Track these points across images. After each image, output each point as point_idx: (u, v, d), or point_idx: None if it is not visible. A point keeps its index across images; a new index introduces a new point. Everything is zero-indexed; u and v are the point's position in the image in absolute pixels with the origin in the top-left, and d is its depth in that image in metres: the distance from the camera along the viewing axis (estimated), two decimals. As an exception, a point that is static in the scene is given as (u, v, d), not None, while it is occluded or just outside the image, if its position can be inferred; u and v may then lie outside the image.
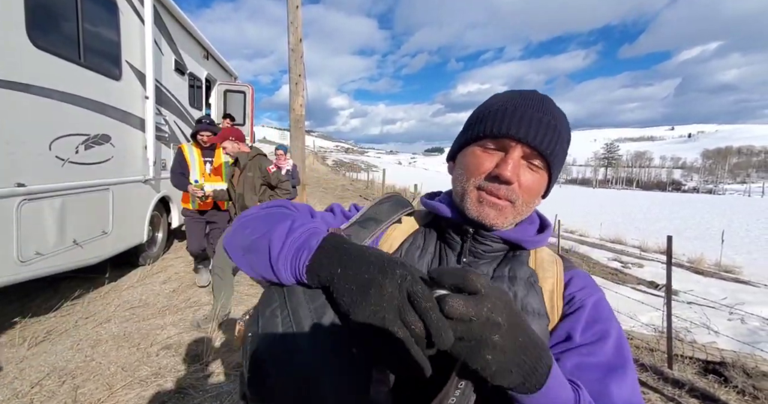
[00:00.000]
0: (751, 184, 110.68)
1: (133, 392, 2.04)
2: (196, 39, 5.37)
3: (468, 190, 0.55)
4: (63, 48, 2.71)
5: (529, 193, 0.54)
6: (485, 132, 0.54)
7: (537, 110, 0.52)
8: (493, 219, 0.53)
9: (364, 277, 0.39)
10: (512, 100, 0.54)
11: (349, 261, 0.41)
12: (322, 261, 0.43)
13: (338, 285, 0.40)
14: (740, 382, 2.76)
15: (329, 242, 0.45)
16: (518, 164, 0.52)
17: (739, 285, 7.08)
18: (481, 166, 0.54)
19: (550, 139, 0.52)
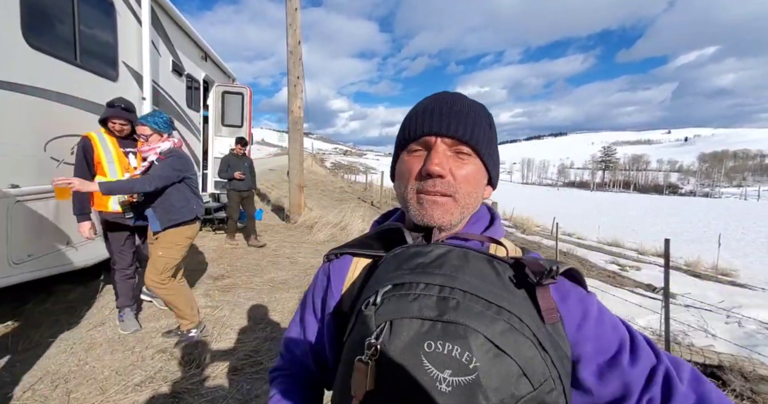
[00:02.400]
0: (747, 188, 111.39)
1: (127, 397, 2.01)
2: (194, 40, 5.37)
3: (408, 196, 0.56)
4: (59, 48, 2.69)
5: (466, 182, 0.54)
6: (407, 137, 0.56)
7: (447, 104, 0.55)
8: (439, 218, 0.53)
9: None
10: (425, 104, 0.57)
11: None
12: None
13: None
14: (738, 386, 2.75)
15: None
16: (444, 156, 0.53)
17: (736, 289, 7.10)
18: (412, 168, 0.55)
19: (465, 125, 0.53)
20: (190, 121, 5.37)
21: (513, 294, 0.44)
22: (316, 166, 26.89)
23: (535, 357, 0.40)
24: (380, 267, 0.51)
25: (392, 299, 0.43)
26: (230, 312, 3.17)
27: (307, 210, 7.78)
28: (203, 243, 5.58)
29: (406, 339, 0.40)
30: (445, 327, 0.40)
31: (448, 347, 0.39)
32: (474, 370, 0.38)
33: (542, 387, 0.39)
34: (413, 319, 0.41)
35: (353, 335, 0.46)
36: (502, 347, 0.39)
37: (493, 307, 0.41)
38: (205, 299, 3.44)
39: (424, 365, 0.39)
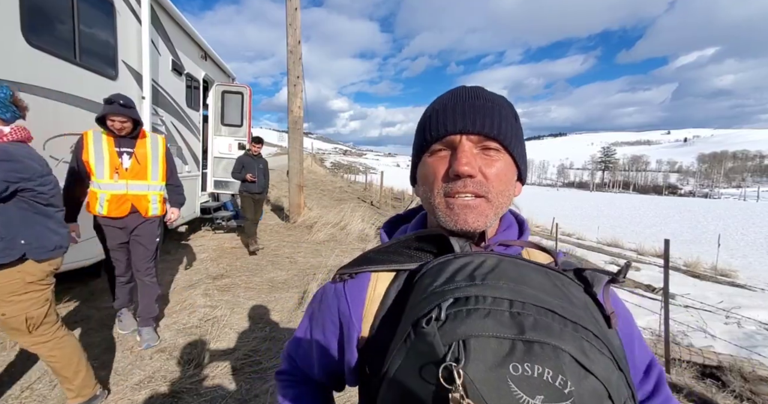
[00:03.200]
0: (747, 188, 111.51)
1: (125, 396, 2.01)
2: (194, 39, 5.36)
3: (435, 202, 0.51)
4: (58, 47, 2.68)
5: (498, 180, 0.50)
6: (428, 138, 0.52)
7: (468, 99, 0.51)
8: (473, 222, 0.49)
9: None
10: (444, 101, 0.53)
11: None
12: None
13: None
14: (738, 386, 2.75)
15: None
16: (471, 155, 0.49)
17: (736, 289, 7.10)
18: (437, 171, 0.51)
19: (492, 120, 0.49)
20: (189, 120, 5.36)
21: (576, 306, 0.40)
22: (316, 166, 26.87)
23: (615, 376, 0.36)
24: (426, 277, 0.44)
25: (459, 314, 0.37)
26: (230, 311, 3.16)
27: (306, 210, 7.77)
28: (203, 243, 5.58)
29: (489, 361, 0.34)
30: (529, 346, 0.35)
31: (538, 370, 0.34)
32: (570, 395, 0.33)
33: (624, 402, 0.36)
34: (490, 338, 0.35)
35: (410, 357, 0.39)
36: (589, 367, 0.35)
37: (569, 324, 0.37)
38: (204, 299, 3.44)
39: (512, 390, 0.33)
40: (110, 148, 2.37)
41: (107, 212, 2.38)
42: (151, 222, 2.59)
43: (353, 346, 0.53)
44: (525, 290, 0.39)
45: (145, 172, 2.49)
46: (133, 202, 2.47)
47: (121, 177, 2.39)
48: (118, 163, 2.39)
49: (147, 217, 2.55)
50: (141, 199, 2.50)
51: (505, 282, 0.40)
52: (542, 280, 0.42)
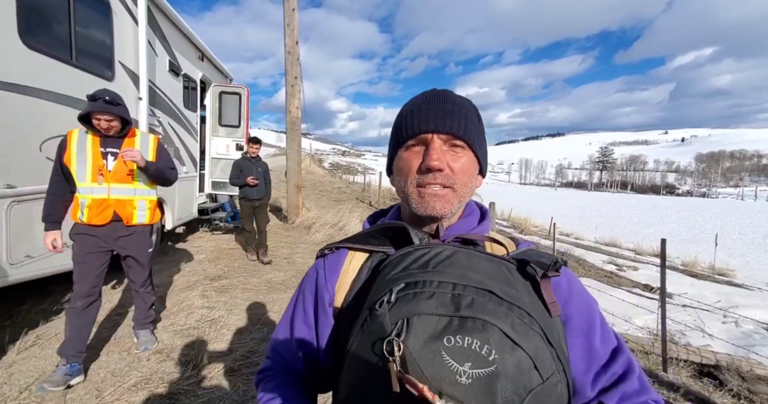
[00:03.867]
0: (744, 188, 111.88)
1: (122, 397, 2.00)
2: (191, 40, 5.36)
3: (409, 190, 0.59)
4: (55, 48, 2.68)
5: (462, 173, 0.59)
6: (404, 135, 0.60)
7: (439, 102, 0.59)
8: (440, 209, 0.57)
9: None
10: (417, 102, 0.61)
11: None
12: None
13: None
14: (735, 385, 2.76)
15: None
16: (441, 151, 0.57)
17: (733, 288, 7.12)
18: (411, 164, 0.59)
19: (459, 122, 0.58)
20: (187, 121, 5.35)
21: (518, 290, 0.47)
22: (315, 167, 26.86)
23: (544, 351, 0.42)
24: (387, 267, 0.52)
25: (406, 297, 0.44)
26: (227, 313, 3.16)
27: (305, 211, 7.77)
28: (200, 244, 5.57)
29: (426, 334, 0.41)
30: (463, 322, 0.41)
31: (468, 341, 0.40)
32: (493, 362, 0.39)
33: (550, 379, 0.42)
34: (431, 316, 0.42)
35: (365, 335, 0.46)
36: (517, 341, 0.41)
37: (504, 303, 0.43)
38: (201, 300, 3.43)
39: (445, 359, 0.40)
40: (94, 148, 2.14)
41: (87, 219, 2.12)
42: (140, 233, 2.32)
43: (329, 314, 0.61)
44: (471, 275, 0.46)
45: (131, 175, 2.22)
46: (116, 209, 2.18)
47: (105, 180, 2.15)
48: (102, 165, 2.14)
49: (131, 225, 2.25)
50: (125, 205, 2.22)
51: (455, 269, 0.47)
52: (491, 268, 0.49)
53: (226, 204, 7.11)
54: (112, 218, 2.19)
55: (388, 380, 0.40)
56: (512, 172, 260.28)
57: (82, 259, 2.15)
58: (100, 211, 2.15)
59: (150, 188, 2.36)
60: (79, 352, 2.14)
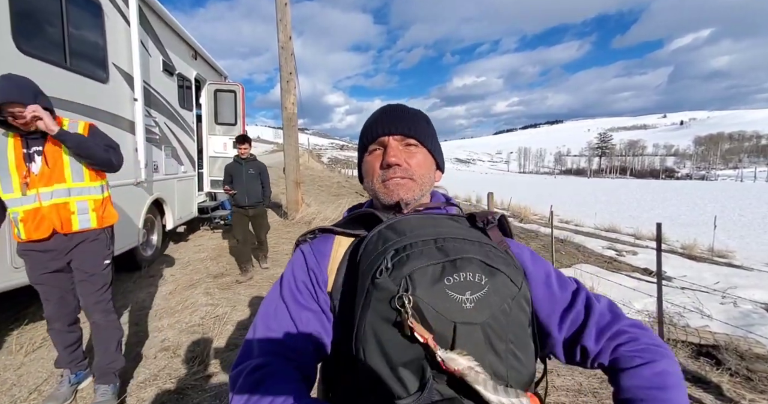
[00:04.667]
0: (743, 169, 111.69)
1: (132, 394, 2.06)
2: (184, 39, 5.33)
3: (376, 187, 0.69)
4: (49, 52, 2.68)
5: (418, 166, 0.69)
6: (366, 142, 0.71)
7: (393, 112, 0.71)
8: (404, 194, 0.67)
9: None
10: (374, 115, 0.73)
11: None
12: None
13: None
14: (734, 364, 2.80)
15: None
16: (397, 150, 0.68)
17: (732, 270, 7.18)
18: (374, 165, 0.70)
19: (409, 124, 0.69)
20: (183, 120, 5.35)
21: (476, 235, 0.58)
22: (313, 162, 26.80)
23: (512, 268, 0.54)
24: (369, 245, 0.59)
25: (401, 260, 0.52)
26: (231, 309, 3.21)
27: (304, 207, 7.79)
28: (202, 242, 5.61)
29: (429, 282, 0.50)
30: (453, 263, 0.51)
31: (463, 275, 0.50)
32: (485, 285, 0.50)
33: (522, 287, 0.54)
34: (427, 266, 0.51)
35: (373, 303, 0.51)
36: (494, 265, 0.52)
37: (474, 243, 0.55)
38: (205, 297, 3.48)
39: (450, 294, 0.49)
40: (16, 151, 1.77)
41: (26, 235, 1.79)
42: (89, 240, 1.92)
43: (326, 297, 0.65)
44: (442, 230, 0.57)
45: (61, 173, 1.82)
46: (52, 217, 1.81)
47: (32, 186, 1.77)
48: (26, 169, 1.78)
49: (72, 233, 1.86)
50: (60, 210, 1.82)
51: (427, 229, 0.57)
52: (452, 224, 0.61)
53: (226, 202, 7.13)
54: (54, 229, 1.83)
55: (405, 333, 0.48)
56: (511, 162, 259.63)
57: (37, 280, 1.88)
58: (37, 224, 1.79)
59: (91, 184, 1.91)
60: (80, 362, 2.06)
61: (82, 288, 1.94)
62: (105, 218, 1.99)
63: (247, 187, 4.05)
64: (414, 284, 0.49)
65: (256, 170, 4.15)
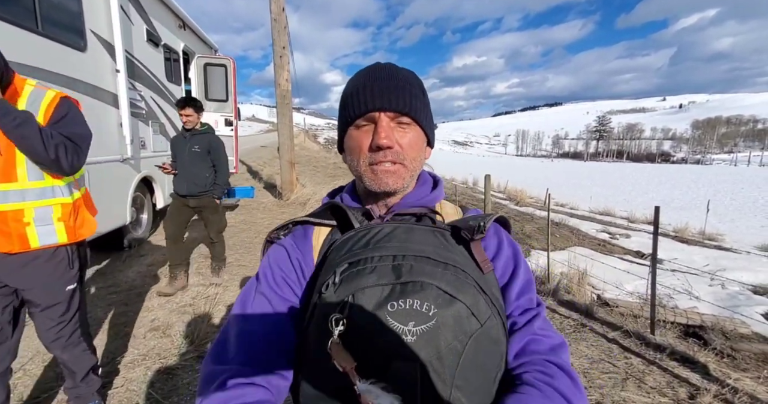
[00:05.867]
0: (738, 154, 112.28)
1: (119, 374, 2.03)
2: (170, 7, 5.03)
3: (362, 170, 0.60)
4: (17, 15, 2.49)
5: (411, 148, 0.60)
6: (352, 114, 0.60)
7: (383, 79, 0.59)
8: (393, 184, 0.59)
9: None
10: (362, 79, 0.61)
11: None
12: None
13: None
14: (719, 344, 2.86)
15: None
16: (389, 129, 0.58)
17: (722, 252, 7.29)
18: (362, 143, 0.59)
19: (404, 98, 0.58)
20: (171, 95, 5.14)
21: (454, 252, 0.52)
22: (309, 142, 26.43)
23: (479, 299, 0.48)
24: (333, 252, 0.55)
25: (350, 276, 0.48)
26: (223, 290, 3.18)
27: (300, 187, 7.70)
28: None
29: (370, 305, 0.45)
30: (404, 287, 0.46)
31: (409, 302, 0.45)
32: (433, 317, 0.45)
33: (487, 323, 0.48)
34: (374, 287, 0.46)
35: (316, 317, 0.49)
36: (453, 294, 0.46)
37: (440, 264, 0.48)
38: (197, 277, 3.44)
39: (390, 323, 0.44)
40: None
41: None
42: (44, 261, 1.37)
43: (307, 281, 0.61)
44: (410, 246, 0.51)
45: (10, 168, 1.29)
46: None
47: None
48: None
49: (25, 252, 1.33)
50: (8, 220, 1.30)
51: (393, 243, 0.51)
52: (428, 237, 0.54)
53: (218, 181, 7.01)
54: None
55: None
56: (509, 144, 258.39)
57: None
58: None
59: (55, 183, 1.38)
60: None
61: (36, 321, 1.43)
62: (78, 229, 1.44)
63: (188, 169, 3.00)
64: (354, 306, 0.45)
65: (204, 147, 3.03)
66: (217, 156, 3.11)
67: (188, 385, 1.96)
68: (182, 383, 1.98)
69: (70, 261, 1.45)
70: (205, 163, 3.07)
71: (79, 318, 1.52)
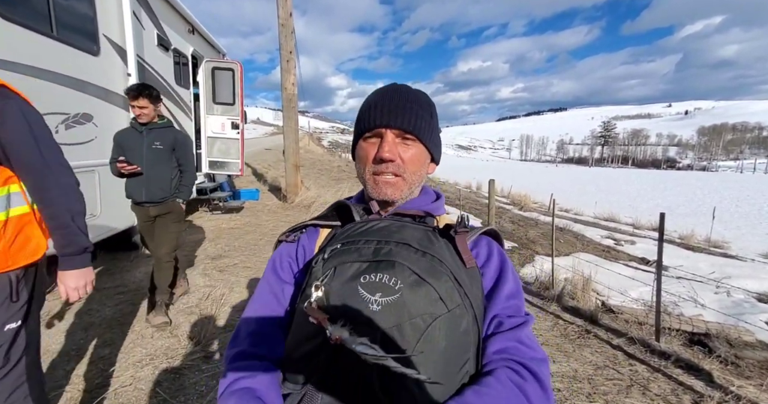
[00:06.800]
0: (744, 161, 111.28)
1: (127, 373, 2.06)
2: (180, 12, 5.12)
3: (366, 177, 0.68)
4: (34, 20, 2.55)
5: (411, 163, 0.67)
6: (363, 127, 0.68)
7: (394, 99, 0.66)
8: (390, 194, 0.66)
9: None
10: (376, 97, 0.68)
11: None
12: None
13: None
14: (723, 352, 2.84)
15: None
16: (393, 144, 0.65)
17: (727, 260, 7.23)
18: (368, 154, 0.67)
19: (410, 118, 0.65)
20: (180, 98, 5.22)
21: (437, 244, 0.57)
22: (313, 145, 26.55)
23: (451, 288, 0.52)
24: (332, 240, 0.63)
25: (337, 252, 0.56)
26: (229, 291, 3.20)
27: (304, 190, 7.74)
28: (200, 223, 5.58)
29: (346, 276, 0.52)
30: (378, 264, 0.52)
31: (379, 276, 0.51)
32: (399, 291, 0.50)
33: (454, 311, 0.51)
34: (354, 263, 0.53)
35: (305, 287, 0.58)
36: (424, 277, 0.51)
37: (418, 252, 0.54)
38: (203, 278, 3.47)
39: (360, 292, 0.51)
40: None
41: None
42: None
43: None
44: (395, 236, 0.56)
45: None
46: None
47: None
48: None
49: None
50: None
51: (384, 233, 0.58)
52: (417, 233, 0.59)
53: (225, 183, 7.08)
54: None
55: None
56: (513, 149, 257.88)
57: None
58: None
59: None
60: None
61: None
62: (11, 254, 1.05)
63: (147, 170, 2.49)
64: (334, 276, 0.52)
65: (168, 143, 2.55)
66: (184, 154, 2.65)
67: (195, 385, 1.98)
68: (189, 382, 2.00)
69: (12, 293, 1.07)
70: (170, 162, 2.58)
71: (26, 369, 1.09)
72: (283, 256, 0.71)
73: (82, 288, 1.17)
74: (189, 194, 2.76)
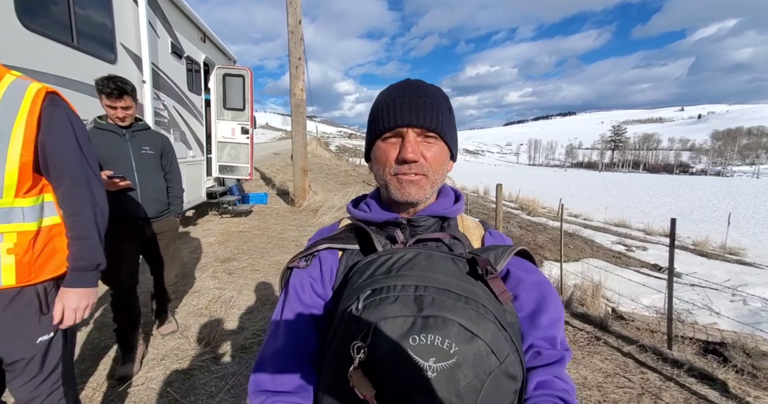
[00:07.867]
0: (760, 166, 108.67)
1: (140, 373, 2.10)
2: (193, 21, 5.26)
3: (387, 179, 0.65)
4: (55, 30, 2.65)
5: (435, 161, 0.64)
6: (382, 128, 0.64)
7: (413, 96, 0.63)
8: (415, 194, 0.63)
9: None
10: (392, 95, 0.65)
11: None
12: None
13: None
14: (740, 361, 2.77)
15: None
16: (416, 144, 0.62)
17: (744, 267, 7.06)
18: (389, 155, 0.64)
19: (431, 115, 0.62)
20: (192, 104, 5.33)
21: (473, 284, 0.51)
22: (321, 150, 26.76)
23: (499, 336, 0.48)
24: (355, 275, 0.57)
25: (373, 303, 0.48)
26: (237, 293, 3.24)
27: (311, 194, 7.80)
28: (210, 227, 5.66)
29: (393, 336, 0.46)
30: (425, 321, 0.46)
31: (431, 338, 0.45)
32: (454, 355, 0.44)
33: (506, 360, 0.47)
34: (397, 318, 0.46)
35: (337, 340, 0.51)
36: (474, 331, 0.46)
37: (461, 298, 0.48)
38: (212, 281, 3.52)
39: (411, 357, 0.45)
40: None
41: None
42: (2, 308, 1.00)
43: (332, 290, 0.65)
44: (431, 275, 0.50)
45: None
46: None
47: None
48: None
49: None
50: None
51: (416, 271, 0.51)
52: (449, 266, 0.54)
53: (234, 187, 7.17)
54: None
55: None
56: (521, 153, 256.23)
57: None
58: None
59: (16, 204, 0.98)
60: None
61: (8, 380, 1.08)
62: (39, 268, 1.03)
63: (141, 180, 2.10)
64: (377, 335, 0.46)
65: (157, 147, 2.21)
66: (172, 160, 2.32)
67: (204, 385, 2.01)
68: (199, 383, 2.03)
69: (42, 305, 1.05)
70: (157, 170, 2.22)
71: (62, 376, 1.12)
72: (304, 280, 0.66)
73: (81, 311, 1.08)
74: (182, 207, 2.48)
